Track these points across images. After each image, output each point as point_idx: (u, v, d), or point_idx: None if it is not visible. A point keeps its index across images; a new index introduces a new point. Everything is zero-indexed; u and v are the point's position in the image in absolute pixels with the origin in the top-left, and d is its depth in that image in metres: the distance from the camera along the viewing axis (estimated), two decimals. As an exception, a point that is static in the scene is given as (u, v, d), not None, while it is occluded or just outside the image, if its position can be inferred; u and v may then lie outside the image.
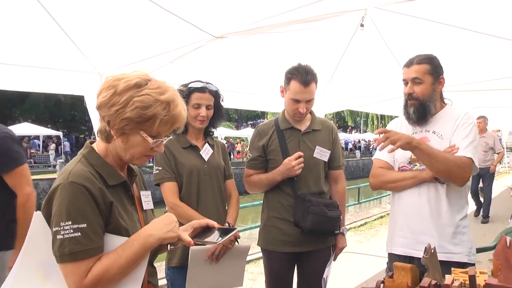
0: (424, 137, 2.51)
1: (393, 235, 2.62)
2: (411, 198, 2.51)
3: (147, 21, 3.25)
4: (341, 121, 57.01)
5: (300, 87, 2.75)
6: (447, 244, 2.40)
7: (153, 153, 1.57)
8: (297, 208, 2.81)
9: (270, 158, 2.93)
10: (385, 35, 4.43)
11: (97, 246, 1.40)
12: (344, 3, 2.71)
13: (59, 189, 1.40)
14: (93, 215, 1.40)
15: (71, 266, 1.36)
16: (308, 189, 2.87)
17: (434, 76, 2.50)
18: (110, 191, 1.49)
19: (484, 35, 3.77)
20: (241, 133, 42.65)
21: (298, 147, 2.88)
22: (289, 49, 4.45)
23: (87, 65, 3.96)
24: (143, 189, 1.77)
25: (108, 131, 1.50)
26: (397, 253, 2.54)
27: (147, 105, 1.43)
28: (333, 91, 6.28)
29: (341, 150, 3.12)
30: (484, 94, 6.77)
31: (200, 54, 3.59)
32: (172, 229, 1.51)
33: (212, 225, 1.73)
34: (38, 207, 2.30)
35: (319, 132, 2.95)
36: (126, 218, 1.52)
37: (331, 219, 2.81)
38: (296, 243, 2.86)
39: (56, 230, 1.37)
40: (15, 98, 34.15)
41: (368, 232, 8.31)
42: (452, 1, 3.15)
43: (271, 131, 2.95)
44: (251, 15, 3.00)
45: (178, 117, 1.52)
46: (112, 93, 1.45)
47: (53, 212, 1.39)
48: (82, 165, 1.48)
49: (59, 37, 3.39)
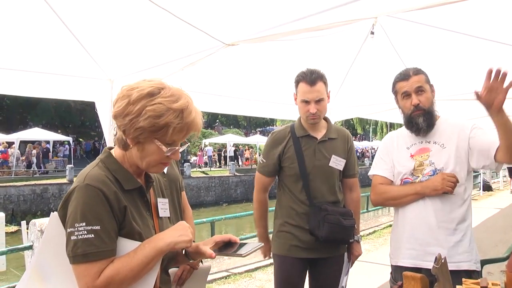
0: (425, 148, 2.50)
1: (399, 247, 2.58)
2: (417, 209, 2.48)
3: (159, 28, 3.27)
4: (350, 128, 56.86)
5: (306, 87, 2.77)
6: (455, 253, 2.37)
7: (170, 160, 1.58)
8: (312, 216, 2.81)
9: (285, 165, 2.92)
10: (395, 42, 4.42)
11: (110, 248, 1.41)
12: (354, 11, 2.70)
13: (76, 191, 1.43)
14: (107, 218, 1.41)
15: (84, 267, 1.37)
16: (323, 197, 2.86)
17: (430, 85, 2.54)
18: (125, 196, 1.50)
19: (496, 43, 3.74)
20: (250, 140, 42.60)
21: (314, 155, 2.88)
22: (299, 56, 4.45)
23: (98, 71, 3.99)
24: (160, 196, 1.77)
25: (125, 140, 1.52)
26: (405, 265, 2.49)
27: (159, 114, 1.44)
28: (342, 99, 6.27)
29: (356, 158, 3.12)
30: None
31: (211, 61, 3.60)
32: (184, 234, 1.50)
33: (234, 240, 1.72)
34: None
35: (335, 141, 2.95)
36: (140, 223, 1.53)
37: (346, 228, 2.82)
38: (309, 250, 2.85)
39: (70, 231, 1.39)
40: (26, 104, 34.51)
41: (377, 241, 8.26)
42: (463, 9, 3.13)
43: (287, 138, 2.94)
44: (262, 23, 3.00)
45: (192, 125, 1.52)
46: (126, 102, 1.46)
47: (69, 213, 1.41)
48: (99, 169, 1.50)
49: (70, 44, 3.42)
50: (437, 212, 2.41)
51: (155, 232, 1.60)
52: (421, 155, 2.50)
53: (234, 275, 6.00)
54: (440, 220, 2.40)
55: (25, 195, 21.92)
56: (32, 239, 4.26)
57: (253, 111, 6.06)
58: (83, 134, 40.79)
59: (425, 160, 2.48)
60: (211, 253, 1.60)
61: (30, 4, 2.91)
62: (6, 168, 25.55)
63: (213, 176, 29.12)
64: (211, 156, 36.05)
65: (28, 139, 27.96)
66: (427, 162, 2.47)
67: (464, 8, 3.05)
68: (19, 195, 21.74)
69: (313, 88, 2.77)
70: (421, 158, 2.49)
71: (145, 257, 1.43)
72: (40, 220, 4.30)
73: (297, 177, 2.89)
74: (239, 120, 58.19)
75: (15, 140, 26.78)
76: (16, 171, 25.21)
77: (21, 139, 27.17)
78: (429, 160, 2.47)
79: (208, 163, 34.90)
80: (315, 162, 2.87)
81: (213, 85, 4.95)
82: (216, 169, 33.60)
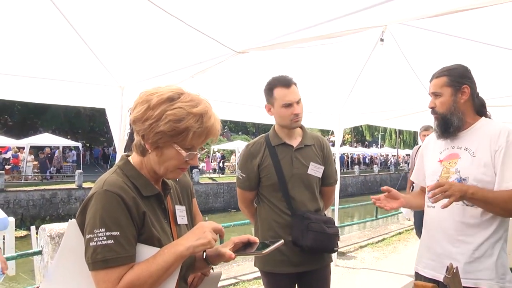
0: (455, 154, 2.40)
1: (421, 256, 2.51)
2: (436, 220, 2.40)
3: (170, 35, 3.29)
4: (358, 135, 56.75)
5: (284, 90, 2.75)
6: (475, 269, 2.23)
7: (188, 165, 1.57)
8: (295, 226, 2.76)
9: (263, 176, 2.86)
10: (405, 49, 4.42)
11: (130, 254, 1.40)
12: (365, 19, 2.71)
13: (94, 197, 1.42)
14: (126, 223, 1.41)
15: (103, 274, 1.36)
16: (304, 206, 2.81)
17: (454, 87, 2.38)
18: (144, 202, 1.50)
19: (506, 50, 3.73)
20: (258, 146, 42.40)
21: (291, 163, 2.82)
22: (309, 63, 4.47)
23: (109, 78, 4.03)
24: (178, 203, 1.77)
25: (143, 145, 1.52)
26: (425, 275, 2.42)
27: (180, 118, 1.44)
28: (352, 106, 6.27)
29: (334, 165, 3.07)
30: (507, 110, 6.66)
31: (221, 68, 3.62)
32: (202, 236, 1.47)
33: (253, 240, 1.69)
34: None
35: (312, 148, 2.90)
36: (159, 229, 1.52)
37: (331, 236, 2.77)
38: (295, 263, 2.79)
39: (89, 237, 1.38)
40: (36, 109, 34.78)
41: (386, 249, 8.20)
42: (472, 16, 3.12)
43: (263, 148, 2.89)
44: (273, 31, 3.02)
45: (212, 129, 1.52)
46: (146, 107, 1.47)
47: (87, 220, 1.41)
48: (117, 176, 1.50)
49: (81, 51, 3.47)
50: (456, 224, 2.30)
51: (173, 239, 1.59)
52: (449, 161, 2.40)
53: (242, 282, 5.99)
54: (460, 233, 2.29)
55: (34, 200, 22.04)
56: (42, 244, 4.28)
57: (262, 118, 6.06)
58: (92, 140, 41.01)
59: (452, 168, 2.38)
60: (230, 254, 1.57)
61: (41, 11, 2.95)
62: (16, 173, 25.74)
63: (222, 182, 29.13)
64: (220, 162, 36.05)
65: (38, 144, 28.17)
66: (453, 169, 2.37)
67: (474, 15, 3.04)
68: (28, 200, 21.87)
69: (291, 90, 2.75)
70: (448, 165, 2.40)
71: (165, 262, 1.41)
72: (50, 225, 4.33)
73: (275, 186, 2.83)
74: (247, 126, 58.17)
75: (26, 145, 26.98)
76: (26, 176, 25.39)
77: (31, 144, 27.37)
78: (456, 167, 2.35)
79: (216, 169, 34.90)
80: (293, 170, 2.81)
81: (223, 92, 4.98)
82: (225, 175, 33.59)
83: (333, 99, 6.04)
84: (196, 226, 1.54)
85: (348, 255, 7.68)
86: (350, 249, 8.14)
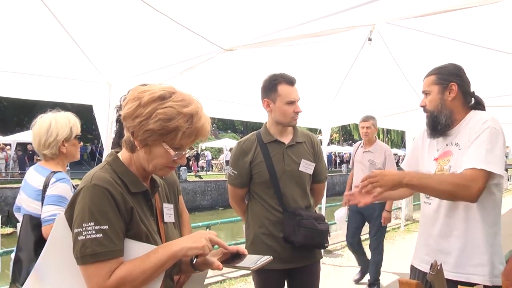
0: (448, 151, 2.38)
1: (418, 250, 2.51)
2: (430, 215, 2.40)
3: (157, 32, 3.28)
4: (346, 134, 56.92)
5: (289, 87, 2.76)
6: (467, 264, 2.23)
7: (176, 164, 1.57)
8: (287, 222, 2.77)
9: (255, 172, 2.87)
10: (393, 49, 4.44)
11: (119, 248, 1.40)
12: (353, 18, 2.72)
13: (82, 191, 1.42)
14: (115, 217, 1.41)
15: (94, 268, 1.36)
16: (296, 203, 2.83)
17: (442, 85, 2.38)
18: (131, 198, 1.50)
19: (492, 51, 3.77)
20: (247, 144, 42.43)
21: (283, 160, 2.84)
22: (297, 62, 4.47)
23: (96, 75, 4.00)
24: (165, 201, 1.77)
25: (132, 142, 1.52)
26: (421, 270, 2.41)
27: (170, 117, 1.44)
28: (340, 105, 6.29)
29: (325, 163, 3.10)
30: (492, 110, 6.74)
31: (209, 66, 3.61)
32: (197, 241, 1.49)
33: (242, 252, 1.70)
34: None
35: (303, 145, 2.92)
36: (147, 225, 1.53)
37: (322, 232, 2.80)
38: (286, 260, 2.80)
39: (78, 231, 1.37)
40: (23, 106, 34.38)
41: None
42: (460, 17, 3.15)
43: (254, 145, 2.90)
44: (260, 29, 3.02)
45: (201, 130, 1.52)
46: (137, 104, 1.46)
47: (75, 213, 1.41)
48: (105, 171, 1.51)
49: (69, 47, 3.43)
50: (450, 220, 2.29)
51: (160, 236, 1.60)
52: (443, 159, 2.39)
53: (229, 280, 5.98)
54: (454, 228, 2.28)
55: (20, 197, 21.80)
56: (28, 242, 4.25)
57: (250, 116, 6.06)
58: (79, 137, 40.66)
59: (445, 165, 2.36)
60: (218, 264, 1.58)
61: (29, 7, 2.92)
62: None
63: (209, 180, 29.05)
64: (209, 160, 35.95)
65: (25, 141, 27.87)
66: (446, 167, 2.35)
67: (461, 16, 3.07)
68: (14, 197, 21.56)
69: (295, 88, 2.78)
70: (443, 163, 2.39)
71: (158, 260, 1.42)
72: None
73: (267, 183, 2.84)
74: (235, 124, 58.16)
75: (12, 142, 26.67)
76: (12, 173, 25.11)
77: (17, 141, 27.06)
78: (449, 164, 2.34)
79: (205, 167, 34.80)
80: (285, 167, 2.83)
81: (211, 90, 4.96)
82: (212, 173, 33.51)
83: (320, 98, 6.04)
84: (194, 232, 1.56)
85: (335, 253, 7.71)
86: (337, 247, 8.14)
